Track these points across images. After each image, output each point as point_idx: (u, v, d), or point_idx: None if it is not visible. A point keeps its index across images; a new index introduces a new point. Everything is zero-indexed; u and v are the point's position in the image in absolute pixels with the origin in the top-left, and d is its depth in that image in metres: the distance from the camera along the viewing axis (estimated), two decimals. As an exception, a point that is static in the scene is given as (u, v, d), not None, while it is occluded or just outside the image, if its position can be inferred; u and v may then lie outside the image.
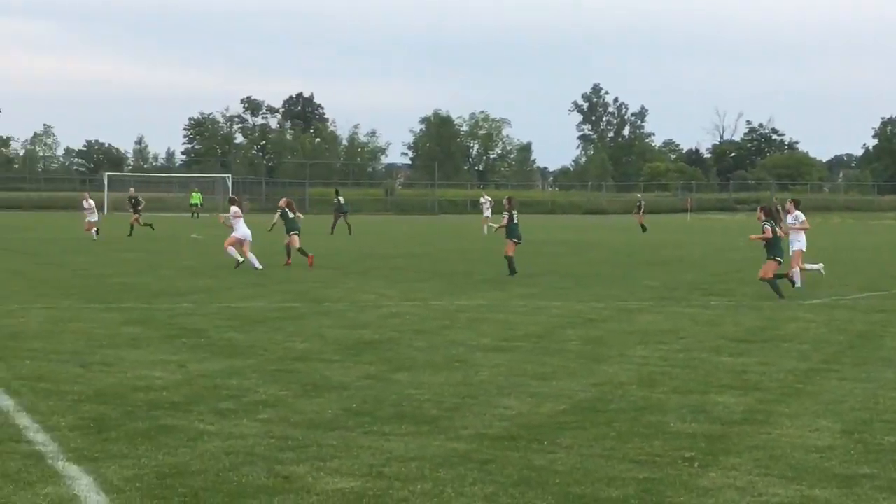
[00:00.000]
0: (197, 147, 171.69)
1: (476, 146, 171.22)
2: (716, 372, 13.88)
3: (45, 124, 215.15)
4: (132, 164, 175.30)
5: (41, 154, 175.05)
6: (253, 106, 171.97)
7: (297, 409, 11.16)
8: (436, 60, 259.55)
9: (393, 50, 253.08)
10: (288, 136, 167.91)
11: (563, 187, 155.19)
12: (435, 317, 19.60)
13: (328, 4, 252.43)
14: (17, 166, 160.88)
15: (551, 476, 8.77)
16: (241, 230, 30.11)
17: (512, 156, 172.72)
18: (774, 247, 23.38)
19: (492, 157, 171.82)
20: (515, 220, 29.95)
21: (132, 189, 56.80)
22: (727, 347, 16.09)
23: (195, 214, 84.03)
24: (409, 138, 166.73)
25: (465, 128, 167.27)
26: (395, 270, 30.88)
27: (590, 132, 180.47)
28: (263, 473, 8.70)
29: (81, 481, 8.41)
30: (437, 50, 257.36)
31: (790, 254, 25.36)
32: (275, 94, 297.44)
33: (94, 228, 46.40)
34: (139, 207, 51.68)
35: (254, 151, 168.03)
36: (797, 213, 25.77)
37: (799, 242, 25.55)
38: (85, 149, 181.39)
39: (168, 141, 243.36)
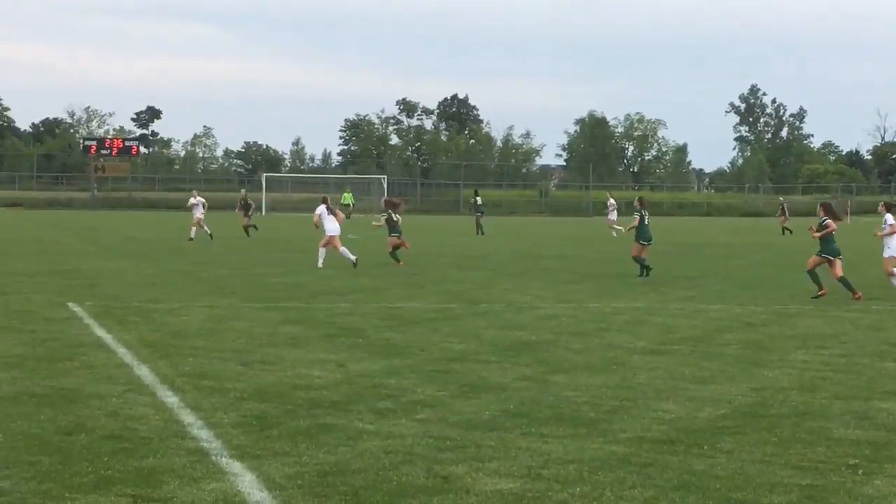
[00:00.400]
0: (353, 148, 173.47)
1: (631, 148, 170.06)
2: (879, 378, 13.57)
3: (204, 126, 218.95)
4: (289, 165, 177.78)
5: (201, 155, 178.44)
6: (408, 107, 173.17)
7: (454, 410, 11.19)
8: (591, 61, 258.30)
9: (548, 51, 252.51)
10: (442, 138, 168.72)
11: (720, 189, 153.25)
12: (591, 319, 19.51)
13: (483, 5, 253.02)
14: (177, 167, 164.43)
15: (711, 481, 8.66)
16: (330, 226, 30.98)
17: (667, 157, 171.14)
18: (824, 243, 24.08)
19: (647, 158, 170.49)
20: (646, 221, 29.71)
21: (243, 191, 56.11)
22: (891, 353, 15.73)
23: (348, 215, 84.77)
24: (564, 140, 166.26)
25: (619, 129, 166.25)
26: (550, 272, 30.82)
27: (747, 133, 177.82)
28: (422, 473, 8.73)
29: (244, 478, 8.54)
30: (593, 51, 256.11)
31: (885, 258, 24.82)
32: (430, 96, 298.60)
33: (195, 227, 46.42)
34: (249, 211, 50.87)
35: (408, 153, 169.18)
36: (887, 216, 25.18)
37: (889, 249, 24.90)
38: (243, 150, 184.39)
39: (324, 142, 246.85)
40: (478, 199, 59.55)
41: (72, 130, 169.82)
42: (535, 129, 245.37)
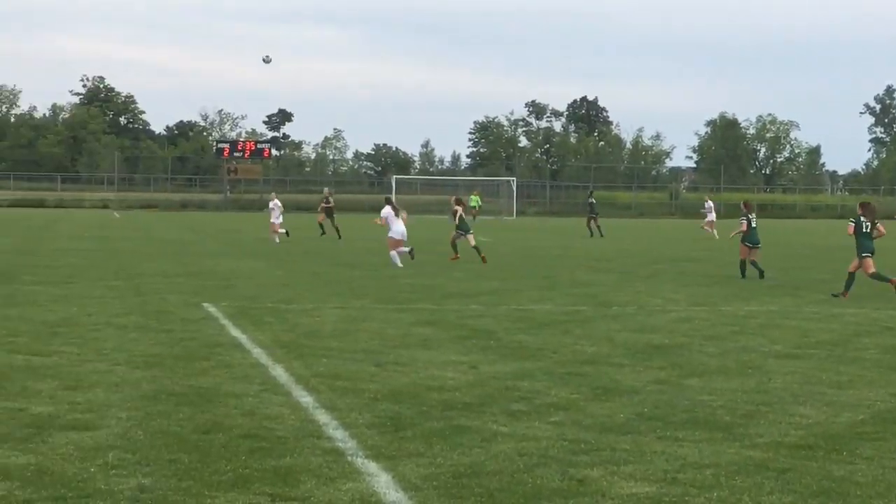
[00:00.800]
0: (482, 150, 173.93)
1: (763, 149, 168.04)
2: None
3: (335, 128, 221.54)
4: (418, 167, 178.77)
5: (331, 157, 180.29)
6: (537, 109, 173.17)
7: (588, 413, 11.14)
8: (721, 62, 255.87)
9: (677, 52, 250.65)
10: (572, 140, 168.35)
11: (854, 191, 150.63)
12: (725, 322, 19.29)
13: (612, 5, 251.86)
14: (308, 169, 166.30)
15: (852, 487, 8.50)
16: (397, 228, 31.78)
17: (800, 159, 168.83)
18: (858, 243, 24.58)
19: (779, 160, 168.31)
20: (754, 225, 29.42)
21: (326, 190, 55.14)
22: None
23: (474, 217, 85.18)
24: (694, 141, 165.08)
25: (751, 131, 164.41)
26: (682, 275, 30.54)
27: (882, 135, 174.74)
28: (557, 476, 8.70)
29: (380, 478, 8.58)
30: (723, 52, 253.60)
31: None
32: (559, 98, 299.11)
33: (280, 231, 45.33)
34: (331, 210, 50.11)
35: (538, 154, 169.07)
36: None
37: None
38: (373, 152, 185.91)
39: (454, 144, 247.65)
40: (592, 199, 59.24)
41: (205, 133, 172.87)
42: (665, 131, 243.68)
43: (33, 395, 11.54)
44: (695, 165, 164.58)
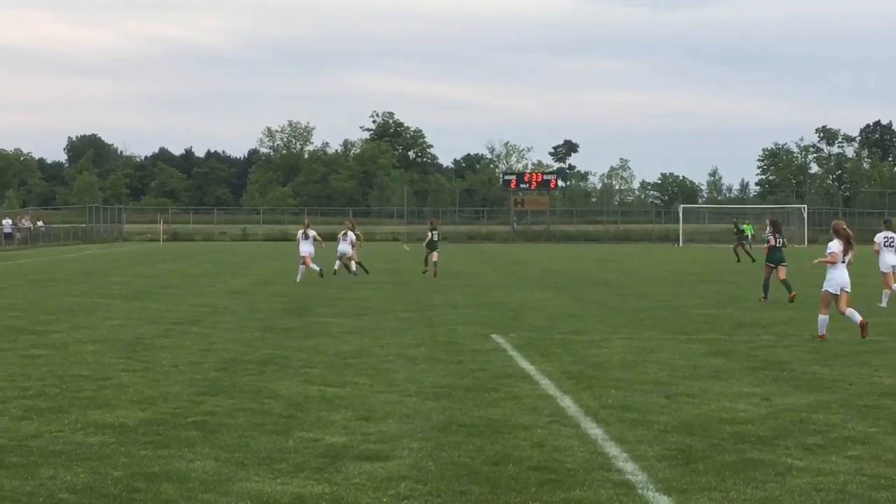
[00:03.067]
0: (770, 178, 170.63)
1: None
2: None
3: (621, 158, 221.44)
4: (706, 195, 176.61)
5: (617, 187, 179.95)
6: (828, 135, 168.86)
7: (888, 447, 10.71)
8: None
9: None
10: (865, 165, 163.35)
11: None
12: None
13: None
14: (594, 200, 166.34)
15: None
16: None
17: None
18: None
19: None
20: (778, 244, 30.61)
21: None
22: None
23: (748, 245, 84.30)
24: None
25: None
26: None
27: None
28: (857, 513, 8.38)
29: (671, 512, 8.43)
30: None
31: None
32: (851, 122, 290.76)
33: (348, 262, 41.25)
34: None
35: (829, 181, 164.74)
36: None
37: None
38: (659, 181, 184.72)
39: (742, 172, 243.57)
40: (737, 224, 58.94)
41: (492, 165, 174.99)
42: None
43: (328, 425, 11.82)
44: None
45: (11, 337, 20.31)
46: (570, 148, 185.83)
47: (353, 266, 41.15)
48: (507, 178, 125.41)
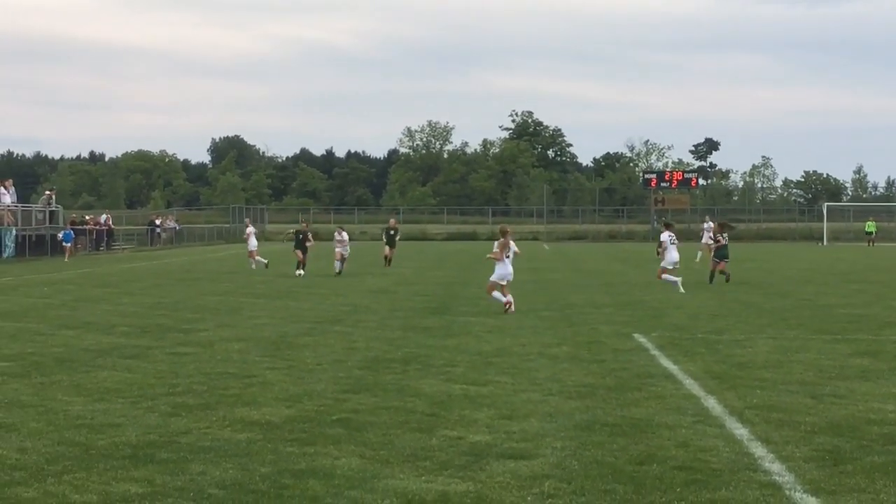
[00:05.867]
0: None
1: None
2: None
3: (763, 156, 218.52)
4: (850, 193, 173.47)
5: (759, 186, 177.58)
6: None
7: None
8: None
9: None
10: None
11: None
12: None
13: None
14: (736, 198, 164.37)
15: None
16: (501, 270, 26.04)
17: None
18: None
19: None
20: (725, 243, 35.53)
21: (392, 220, 54.19)
22: None
23: (870, 243, 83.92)
24: None
25: None
26: None
27: None
28: None
29: (820, 514, 8.30)
30: None
31: None
32: None
33: (259, 259, 46.52)
34: (395, 239, 50.24)
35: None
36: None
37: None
38: (803, 179, 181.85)
39: (888, 169, 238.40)
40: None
41: (631, 164, 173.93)
42: None
43: (471, 423, 11.86)
44: None
45: (159, 335, 20.75)
46: (710, 146, 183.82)
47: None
48: (647, 176, 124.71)
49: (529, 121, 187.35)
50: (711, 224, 61.64)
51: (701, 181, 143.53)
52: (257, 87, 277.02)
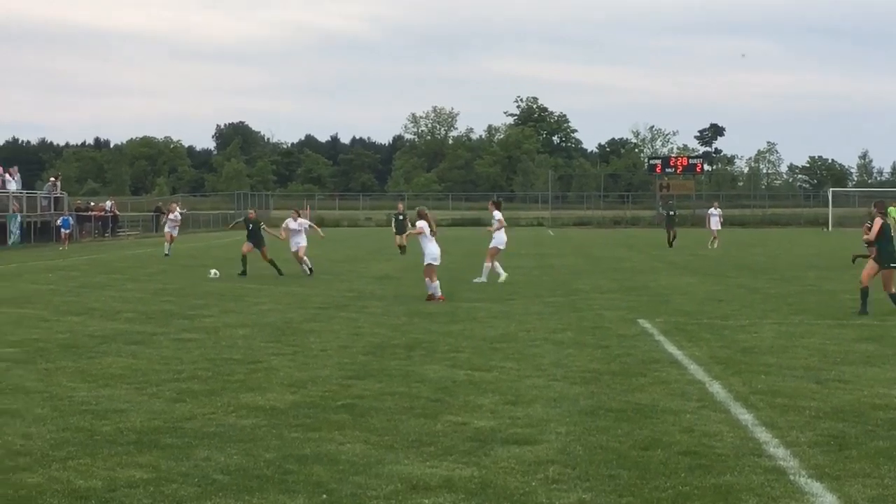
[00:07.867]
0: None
1: None
2: None
3: (768, 142, 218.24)
4: (856, 179, 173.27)
5: (764, 171, 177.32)
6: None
7: None
8: None
9: None
10: None
11: None
12: None
13: None
14: (741, 184, 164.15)
15: None
16: (434, 250, 25.59)
17: None
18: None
19: None
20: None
21: (400, 205, 54.06)
22: None
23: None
24: None
25: None
26: None
27: None
28: None
29: (825, 499, 8.29)
30: None
31: None
32: None
33: (168, 243, 48.83)
34: (405, 224, 46.90)
35: None
36: None
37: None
38: (808, 165, 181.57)
39: (894, 155, 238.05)
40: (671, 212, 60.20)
41: (636, 150, 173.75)
42: None
43: (475, 409, 11.86)
44: None
45: (164, 321, 20.78)
46: (716, 131, 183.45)
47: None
48: (652, 162, 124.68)
49: (534, 106, 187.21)
50: (719, 210, 61.72)
51: (706, 167, 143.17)
52: (262, 73, 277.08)
